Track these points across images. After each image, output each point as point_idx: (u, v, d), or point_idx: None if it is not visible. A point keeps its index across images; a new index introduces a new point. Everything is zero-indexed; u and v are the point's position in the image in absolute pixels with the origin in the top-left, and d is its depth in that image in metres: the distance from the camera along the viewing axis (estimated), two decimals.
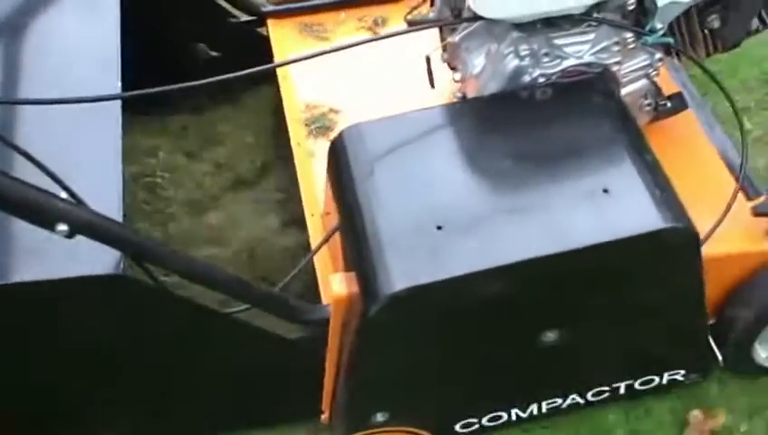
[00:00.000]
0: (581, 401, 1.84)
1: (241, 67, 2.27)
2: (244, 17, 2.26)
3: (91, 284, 1.37)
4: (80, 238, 1.36)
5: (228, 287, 1.51)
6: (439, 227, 1.45)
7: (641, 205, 1.46)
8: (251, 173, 2.24)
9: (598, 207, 1.46)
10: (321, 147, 1.96)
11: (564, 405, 1.84)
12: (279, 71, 2.10)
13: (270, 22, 2.23)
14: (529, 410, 1.82)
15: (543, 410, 1.83)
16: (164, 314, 1.49)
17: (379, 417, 1.69)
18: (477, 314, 1.50)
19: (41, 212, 1.26)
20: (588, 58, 1.65)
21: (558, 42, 1.65)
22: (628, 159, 1.52)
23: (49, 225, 1.27)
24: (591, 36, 1.65)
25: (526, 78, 1.65)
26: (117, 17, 1.79)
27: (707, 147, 1.90)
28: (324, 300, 1.71)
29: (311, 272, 1.83)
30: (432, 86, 1.92)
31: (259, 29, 2.28)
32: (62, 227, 1.27)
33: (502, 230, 1.45)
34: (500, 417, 1.81)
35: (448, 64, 1.91)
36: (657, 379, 1.82)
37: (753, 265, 1.75)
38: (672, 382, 1.84)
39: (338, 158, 1.62)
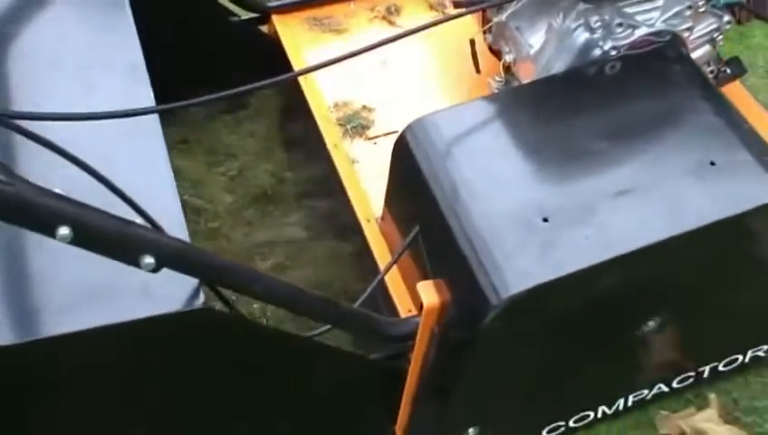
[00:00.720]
0: (666, 389, 1.75)
1: (244, 67, 2.13)
2: (246, 15, 2.08)
3: (176, 320, 1.20)
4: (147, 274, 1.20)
5: (314, 308, 1.35)
6: (545, 220, 1.33)
7: (754, 176, 1.37)
8: (270, 184, 2.07)
9: (708, 182, 1.36)
10: (362, 148, 1.82)
11: (649, 396, 1.74)
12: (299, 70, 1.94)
13: (275, 18, 2.06)
14: (615, 406, 1.72)
15: (629, 403, 1.73)
16: (247, 343, 1.32)
17: (471, 432, 1.56)
18: (589, 310, 1.38)
19: (125, 244, 1.07)
20: (659, 25, 1.55)
21: (627, 10, 1.54)
22: (728, 129, 1.43)
23: (133, 258, 1.09)
24: (661, 2, 1.55)
25: (596, 52, 1.54)
26: (131, 23, 1.59)
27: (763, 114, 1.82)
28: (402, 313, 1.56)
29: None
30: (478, 71, 1.80)
31: (261, 26, 2.10)
32: (149, 260, 1.09)
33: (613, 216, 1.33)
34: (587, 416, 1.70)
35: (491, 49, 1.79)
36: (740, 357, 1.74)
37: None
38: (753, 360, 1.76)
39: (408, 156, 1.47)
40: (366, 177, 1.76)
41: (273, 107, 2.22)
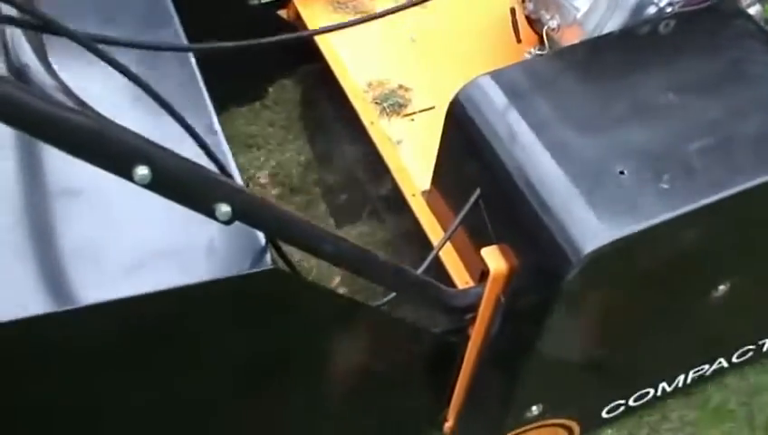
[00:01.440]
0: (726, 364, 1.69)
1: (263, 54, 2.06)
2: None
3: (244, 282, 1.11)
4: (211, 234, 1.12)
5: (383, 273, 1.27)
6: (622, 172, 1.27)
7: None
8: (296, 172, 1.98)
9: None
10: (400, 125, 1.75)
11: (709, 372, 1.68)
12: (328, 53, 1.88)
13: (297, 1, 1.99)
14: (675, 383, 1.65)
15: (689, 380, 1.67)
16: (313, 307, 1.24)
17: (534, 410, 1.48)
18: (664, 268, 1.32)
19: (204, 190, 0.99)
20: None
21: None
22: None
23: (210, 206, 1.00)
24: None
25: (651, 10, 1.50)
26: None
27: None
28: (459, 284, 1.48)
29: None
30: (518, 40, 1.75)
31: (280, 11, 2.04)
32: (226, 209, 1.00)
33: (691, 167, 1.28)
34: (647, 394, 1.63)
35: (528, 18, 1.74)
36: None
37: None
38: None
39: (464, 118, 1.40)
40: (406, 154, 1.69)
41: (290, 97, 2.15)
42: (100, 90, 1.06)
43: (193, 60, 1.38)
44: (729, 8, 1.51)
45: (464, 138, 1.42)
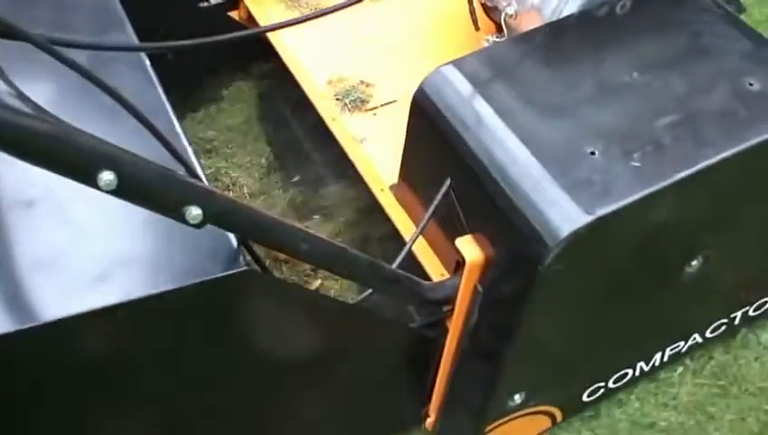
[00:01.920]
0: (701, 339, 1.69)
1: (215, 55, 2.02)
2: (215, 1, 1.97)
3: (217, 285, 1.08)
4: (179, 238, 1.09)
5: (359, 270, 1.24)
6: (592, 153, 1.26)
7: None
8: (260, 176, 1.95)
9: (750, 104, 1.32)
10: (362, 121, 1.72)
11: (684, 348, 1.69)
12: (283, 51, 1.84)
13: (248, 1, 1.95)
14: (652, 361, 1.65)
15: (665, 358, 1.67)
16: (289, 306, 1.21)
17: (516, 398, 1.47)
18: (640, 246, 1.31)
19: (172, 193, 0.95)
20: None
21: None
22: (758, 50, 1.39)
23: (179, 210, 0.96)
24: None
25: None
26: None
27: None
28: (434, 277, 1.46)
29: None
30: (477, 28, 1.74)
31: (231, 12, 2.00)
32: (196, 212, 0.97)
33: (660, 144, 1.27)
34: (625, 375, 1.63)
35: (486, 8, 1.73)
36: None
37: None
38: None
39: (430, 108, 1.38)
40: (370, 149, 1.67)
41: (247, 98, 2.11)
42: (54, 93, 1.02)
43: (148, 63, 1.34)
44: None
45: (430, 128, 1.40)
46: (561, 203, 1.20)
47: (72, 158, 0.86)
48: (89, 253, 1.07)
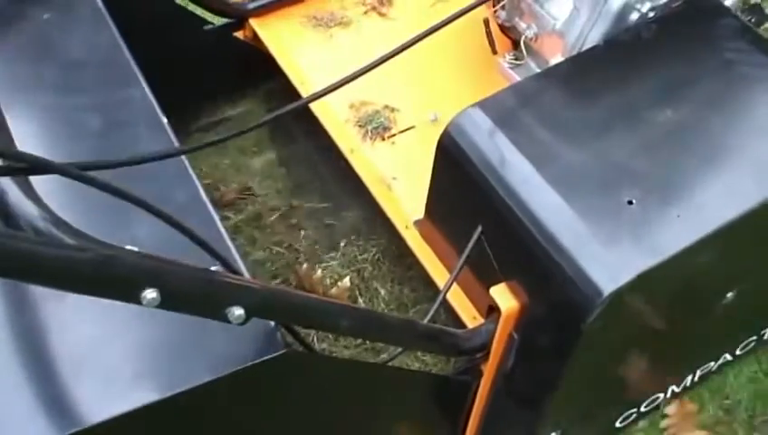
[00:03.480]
0: (731, 357, 1.68)
1: (223, 76, 1.97)
2: (220, 22, 1.91)
3: (259, 369, 1.05)
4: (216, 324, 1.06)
5: (396, 334, 1.22)
6: (630, 202, 1.23)
7: None
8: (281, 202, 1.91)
9: None
10: (384, 150, 1.68)
11: (715, 367, 1.67)
12: (295, 79, 1.79)
13: (254, 21, 1.89)
14: (683, 383, 1.64)
15: (696, 378, 1.66)
16: (330, 378, 1.19)
17: None
18: (682, 290, 1.29)
19: (214, 298, 0.92)
20: None
21: None
22: None
23: (222, 312, 0.93)
24: None
25: (634, 15, 1.45)
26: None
27: None
28: (468, 324, 1.43)
29: None
30: (494, 52, 1.69)
31: (236, 32, 1.94)
32: (239, 312, 0.94)
33: (699, 189, 1.24)
34: (657, 398, 1.62)
35: (503, 28, 1.68)
36: None
37: None
38: None
39: (457, 154, 1.34)
40: (393, 179, 1.63)
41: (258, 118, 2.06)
42: (93, 204, 0.98)
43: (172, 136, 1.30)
44: (709, 5, 1.46)
45: (458, 173, 1.36)
46: (603, 258, 1.17)
47: (113, 282, 0.83)
48: (124, 347, 1.04)
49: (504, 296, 1.29)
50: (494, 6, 1.64)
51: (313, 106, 1.72)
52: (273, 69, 1.86)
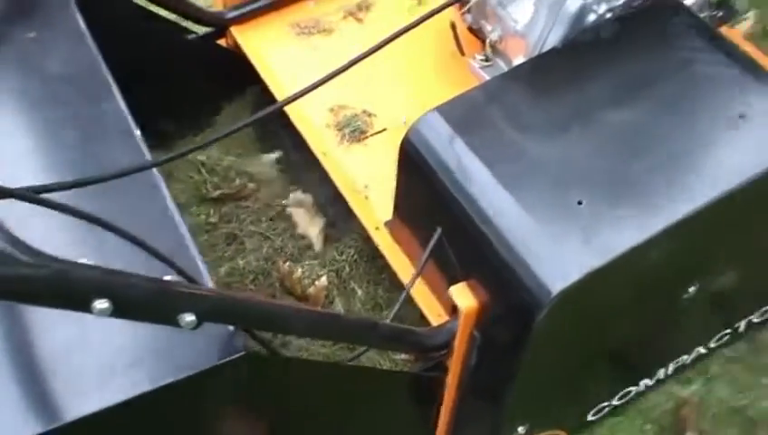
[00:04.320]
0: (704, 350, 1.71)
1: (209, 85, 2.02)
2: (201, 31, 1.96)
3: (219, 372, 1.10)
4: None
5: (356, 333, 1.26)
6: (580, 202, 1.26)
7: None
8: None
9: (742, 137, 1.31)
10: (358, 153, 1.72)
11: (689, 360, 1.71)
12: (272, 86, 1.84)
13: (234, 30, 1.94)
14: (656, 377, 1.68)
15: (670, 371, 1.69)
16: (292, 379, 1.24)
17: (521, 430, 1.50)
18: (636, 286, 1.33)
19: (165, 306, 0.97)
20: None
21: None
22: (749, 78, 1.38)
23: (173, 318, 0.99)
24: None
25: (591, 17, 1.48)
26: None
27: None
28: (432, 321, 1.48)
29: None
30: (462, 53, 1.73)
31: (219, 40, 1.99)
32: (190, 318, 0.99)
33: (650, 188, 1.28)
34: (629, 392, 1.66)
35: (471, 29, 1.72)
36: None
37: None
38: None
39: (417, 157, 1.39)
40: (365, 181, 1.68)
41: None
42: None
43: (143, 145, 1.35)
44: (669, 5, 1.49)
45: (418, 176, 1.40)
46: (552, 258, 1.22)
47: (66, 294, 0.88)
48: (87, 350, 1.09)
49: (464, 295, 1.33)
50: (460, 9, 1.67)
51: (289, 110, 1.77)
52: (254, 77, 1.91)
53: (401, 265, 1.56)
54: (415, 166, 1.40)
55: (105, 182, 1.08)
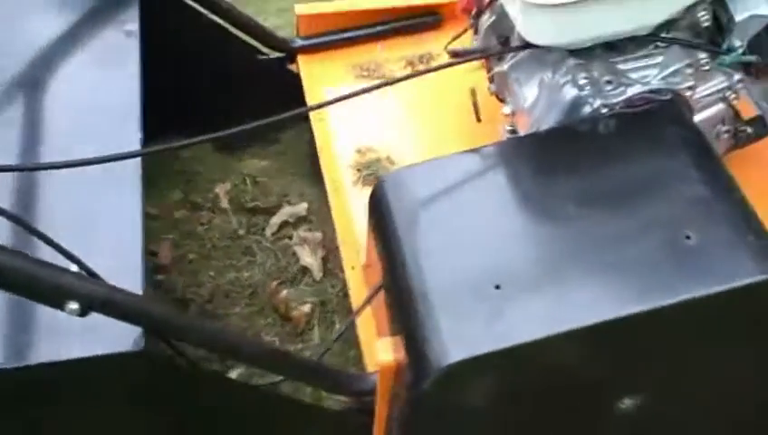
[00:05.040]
0: None
1: (273, 107, 2.15)
2: (274, 54, 2.10)
3: (108, 363, 1.22)
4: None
5: (262, 360, 1.34)
6: (498, 287, 1.27)
7: (731, 253, 1.26)
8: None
9: (680, 258, 1.27)
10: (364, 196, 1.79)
11: None
12: (314, 112, 1.95)
13: (300, 58, 2.07)
14: None
15: None
16: (189, 391, 1.33)
17: None
18: (545, 385, 1.31)
19: (46, 290, 1.10)
20: (656, 83, 1.47)
21: (621, 67, 1.47)
22: (712, 200, 1.32)
23: (57, 304, 1.12)
24: (660, 59, 1.47)
25: (586, 109, 1.47)
26: (138, 66, 1.64)
27: None
28: (370, 368, 1.53)
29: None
30: (478, 120, 1.76)
31: (290, 66, 2.13)
32: (73, 306, 1.12)
33: (570, 288, 1.26)
34: None
35: (497, 96, 1.74)
36: None
37: None
38: None
39: (379, 208, 1.44)
40: (363, 222, 1.74)
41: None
42: None
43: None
44: (669, 113, 1.45)
45: (378, 225, 1.46)
46: (447, 335, 1.23)
47: None
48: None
49: (385, 350, 1.37)
50: (487, 75, 1.70)
51: (320, 142, 1.88)
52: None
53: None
54: (376, 215, 1.46)
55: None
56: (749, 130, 1.61)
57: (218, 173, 2.13)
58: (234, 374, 1.68)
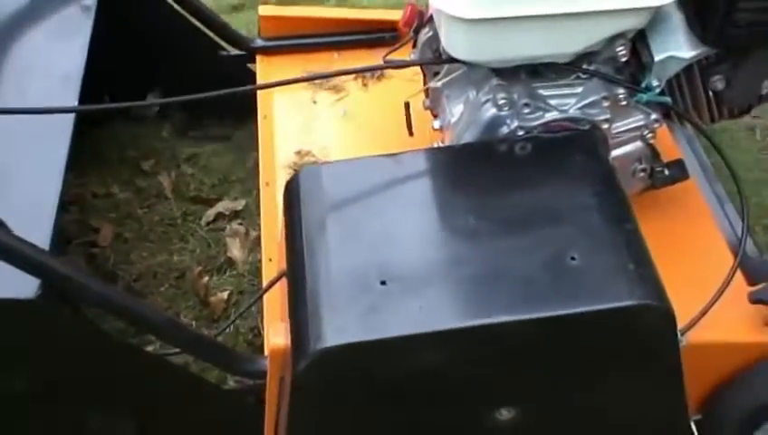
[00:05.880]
0: None
1: (231, 101, 2.21)
2: (234, 51, 2.16)
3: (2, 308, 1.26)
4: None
5: (154, 327, 1.37)
6: (383, 283, 1.31)
7: (610, 277, 1.30)
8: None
9: (560, 276, 1.30)
10: None
11: None
12: (261, 110, 2.00)
13: (259, 58, 2.13)
14: None
15: None
16: (77, 345, 1.36)
17: None
18: (419, 386, 1.34)
19: None
20: (573, 112, 1.52)
21: (542, 92, 1.52)
22: (603, 227, 1.36)
23: None
24: (579, 89, 1.52)
25: (504, 129, 1.52)
26: (87, 39, 1.71)
27: (708, 221, 1.73)
28: (265, 351, 1.56)
29: None
30: (410, 133, 1.80)
31: (250, 64, 2.18)
32: None
33: (449, 292, 1.30)
34: None
35: (431, 111, 1.79)
36: None
37: (748, 358, 1.56)
38: None
39: (290, 197, 1.49)
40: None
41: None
42: None
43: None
44: (581, 142, 1.49)
45: (287, 214, 1.50)
46: (325, 322, 1.27)
47: None
48: None
49: (276, 334, 1.40)
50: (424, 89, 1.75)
51: (262, 140, 1.93)
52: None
53: (273, 296, 1.65)
54: (287, 204, 1.50)
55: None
56: (666, 171, 1.64)
57: (167, 162, 2.18)
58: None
